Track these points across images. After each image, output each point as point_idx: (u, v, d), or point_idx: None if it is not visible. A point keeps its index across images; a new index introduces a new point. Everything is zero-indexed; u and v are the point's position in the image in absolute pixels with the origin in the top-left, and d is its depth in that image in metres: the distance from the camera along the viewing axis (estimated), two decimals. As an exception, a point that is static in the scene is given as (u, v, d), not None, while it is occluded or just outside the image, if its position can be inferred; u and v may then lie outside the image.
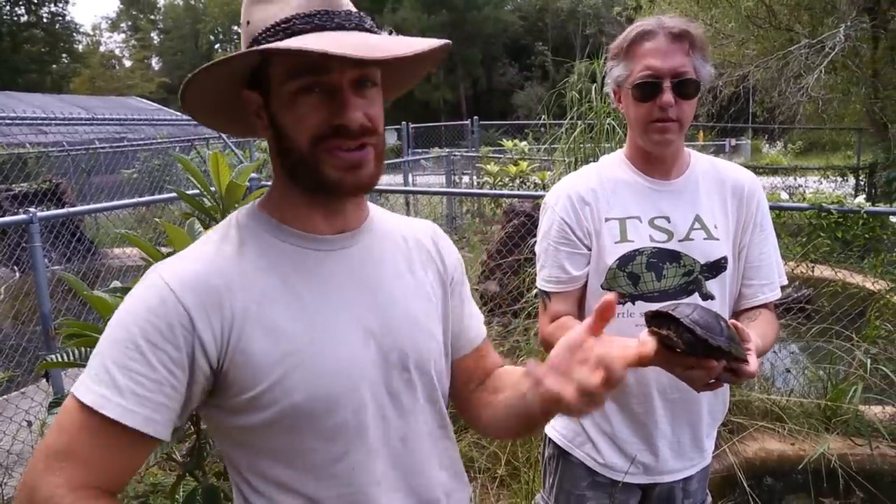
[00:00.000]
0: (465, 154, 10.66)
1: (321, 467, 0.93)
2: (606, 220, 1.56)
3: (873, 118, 9.56)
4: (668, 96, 1.44)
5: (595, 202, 1.57)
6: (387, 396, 0.97)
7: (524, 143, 7.93)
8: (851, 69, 9.09)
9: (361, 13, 0.91)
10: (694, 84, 1.46)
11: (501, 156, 8.54)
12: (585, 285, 1.61)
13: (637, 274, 1.53)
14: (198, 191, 2.00)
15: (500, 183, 7.48)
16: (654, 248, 1.53)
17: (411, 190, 8.11)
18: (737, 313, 1.63)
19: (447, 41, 0.90)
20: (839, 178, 10.57)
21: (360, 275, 0.98)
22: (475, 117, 11.83)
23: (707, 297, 1.54)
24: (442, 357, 1.08)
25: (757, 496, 3.22)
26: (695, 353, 1.16)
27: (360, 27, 0.89)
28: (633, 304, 1.54)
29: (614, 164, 1.63)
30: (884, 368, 3.91)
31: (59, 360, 1.70)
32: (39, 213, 3.06)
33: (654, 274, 1.53)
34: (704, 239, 1.54)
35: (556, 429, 1.72)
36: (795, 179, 10.88)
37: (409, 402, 1.00)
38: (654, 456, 1.60)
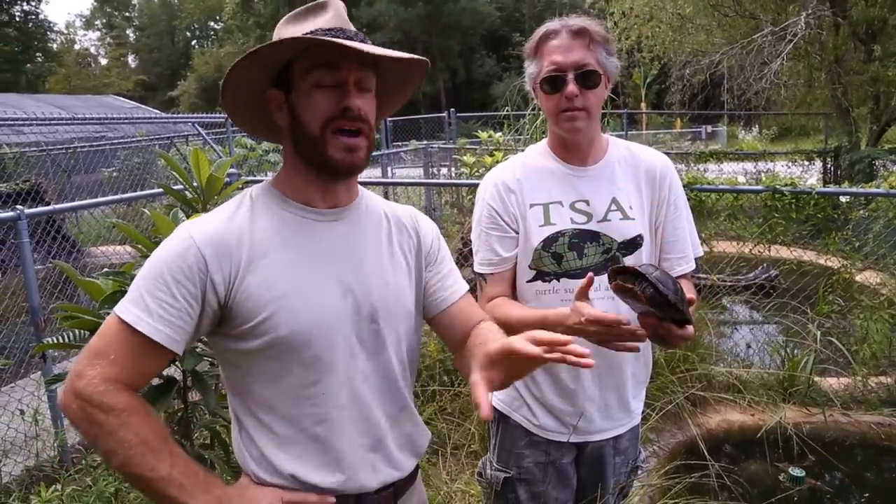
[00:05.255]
0: (442, 146, 10.77)
1: (297, 389, 1.17)
2: (531, 205, 1.71)
3: (837, 103, 9.82)
4: (571, 87, 1.59)
5: (520, 190, 1.72)
6: (356, 341, 1.21)
7: (499, 133, 8.07)
8: (813, 56, 9.34)
9: (364, 35, 1.20)
10: (595, 75, 1.62)
11: (478, 147, 8.67)
12: (516, 266, 1.75)
13: (560, 254, 1.69)
14: (181, 185, 2.15)
15: (476, 173, 7.61)
16: (575, 229, 1.69)
17: (388, 181, 8.25)
18: None
19: (425, 59, 1.22)
20: (806, 163, 10.84)
21: (344, 242, 1.23)
22: (452, 109, 11.95)
23: None
24: (411, 317, 1.31)
25: (718, 464, 3.41)
26: (654, 305, 1.33)
27: (363, 42, 1.17)
28: (558, 281, 1.70)
29: (538, 154, 1.79)
30: (836, 342, 4.12)
31: (55, 342, 1.86)
32: (27, 210, 3.18)
33: (575, 253, 1.69)
34: (621, 219, 1.70)
35: (497, 395, 1.87)
36: (765, 164, 11.13)
37: (374, 349, 1.24)
38: (582, 416, 1.75)
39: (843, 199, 4.74)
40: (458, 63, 47.09)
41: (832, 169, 10.53)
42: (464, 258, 4.93)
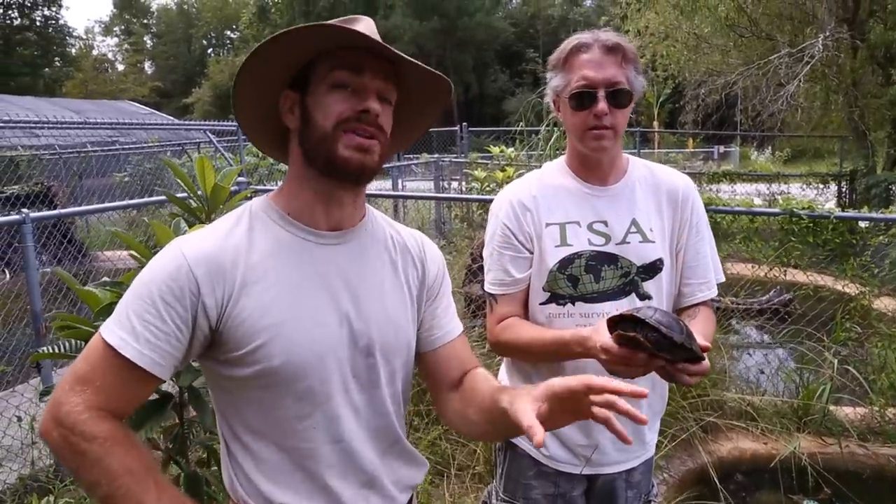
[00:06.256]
0: (453, 160, 10.75)
1: (288, 421, 1.11)
2: (547, 225, 1.64)
3: (854, 126, 9.74)
4: (602, 105, 1.52)
5: (536, 208, 1.65)
6: (350, 374, 1.14)
7: (511, 149, 8.03)
8: (830, 78, 9.28)
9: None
10: (627, 94, 1.55)
11: (489, 161, 8.64)
12: (529, 287, 1.68)
13: (576, 276, 1.62)
14: (185, 193, 2.10)
15: (487, 188, 7.57)
16: (593, 251, 1.62)
17: (399, 195, 8.21)
18: (678, 311, 1.71)
19: (448, 80, 1.16)
20: (821, 186, 10.75)
21: (346, 268, 1.14)
22: (464, 123, 11.93)
23: (644, 297, 1.63)
24: (409, 351, 1.23)
25: (730, 494, 3.32)
26: (661, 350, 1.26)
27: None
28: (574, 304, 1.63)
29: (555, 171, 1.72)
30: (853, 370, 4.01)
31: (51, 351, 1.80)
32: (32, 214, 3.14)
33: (592, 276, 1.61)
34: (640, 242, 1.63)
35: None
36: (779, 186, 11.04)
37: (368, 383, 1.16)
38: (595, 448, 1.67)
39: (861, 224, 4.65)
40: (471, 77, 47.29)
41: (847, 193, 10.43)
42: (472, 274, 4.87)
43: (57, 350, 1.77)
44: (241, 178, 3.90)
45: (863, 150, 9.78)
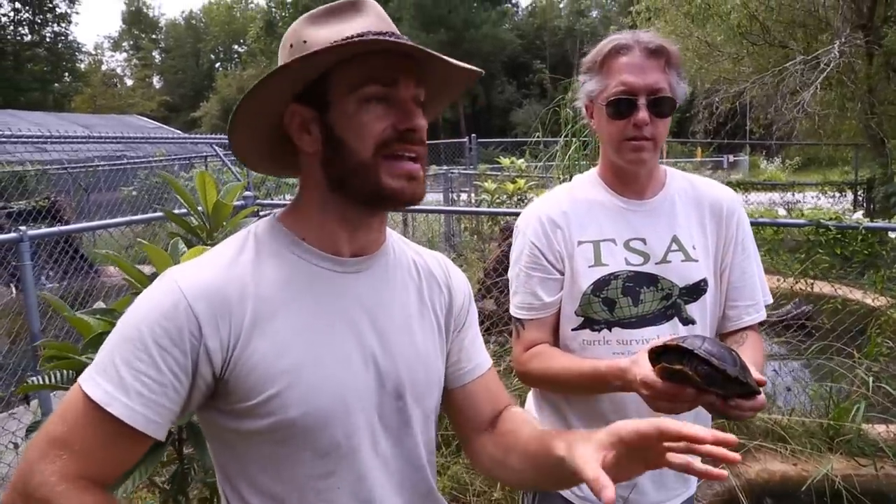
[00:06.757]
0: (462, 171, 10.65)
1: (307, 482, 0.94)
2: (579, 243, 1.50)
3: (870, 134, 9.59)
4: (643, 114, 1.38)
5: (567, 225, 1.51)
6: (378, 422, 0.98)
7: (521, 160, 7.92)
8: (846, 85, 9.14)
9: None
10: (670, 102, 1.41)
11: (499, 173, 8.54)
12: (560, 311, 1.54)
13: (613, 299, 1.47)
14: (185, 210, 1.98)
15: (497, 200, 7.45)
16: (630, 271, 1.47)
17: (409, 208, 8.10)
18: (722, 336, 1.57)
19: (479, 71, 1.00)
20: (837, 194, 10.59)
21: (368, 298, 1.00)
22: (473, 135, 11.84)
23: (687, 321, 1.48)
24: (440, 388, 1.09)
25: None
26: (712, 385, 1.11)
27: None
28: (610, 330, 1.48)
29: (587, 184, 1.57)
30: (886, 386, 3.85)
31: (42, 382, 1.66)
32: (30, 232, 3.03)
33: (630, 299, 1.47)
34: (682, 261, 1.48)
35: None
36: (793, 195, 10.89)
37: (398, 430, 1.01)
38: (634, 488, 1.52)
39: (891, 234, 4.49)
40: (478, 89, 47.39)
41: (864, 201, 10.27)
42: (486, 290, 4.73)
43: (48, 381, 1.64)
44: (247, 193, 3.79)
45: (880, 159, 9.62)
